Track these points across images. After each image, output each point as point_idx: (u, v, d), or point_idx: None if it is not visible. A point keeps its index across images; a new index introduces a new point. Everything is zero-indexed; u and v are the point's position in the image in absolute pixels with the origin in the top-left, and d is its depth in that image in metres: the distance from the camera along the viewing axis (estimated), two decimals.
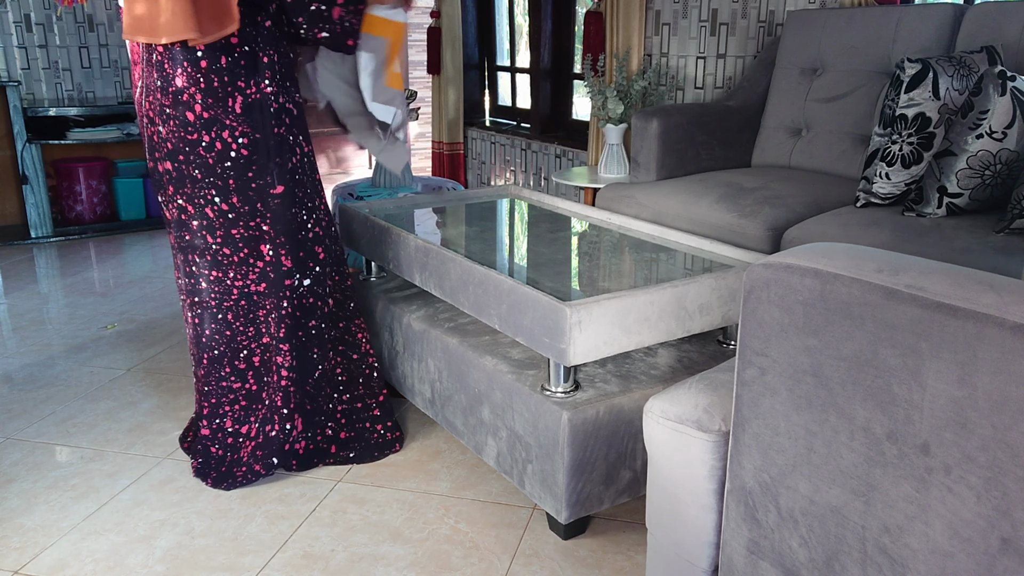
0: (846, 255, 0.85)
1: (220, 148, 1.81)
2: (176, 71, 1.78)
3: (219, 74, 1.78)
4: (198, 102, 1.78)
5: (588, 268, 2.10)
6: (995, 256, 1.83)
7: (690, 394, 1.12)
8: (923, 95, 2.13)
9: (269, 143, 1.85)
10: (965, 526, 0.75)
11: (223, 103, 1.79)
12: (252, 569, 1.63)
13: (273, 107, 1.84)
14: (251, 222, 1.87)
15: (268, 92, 1.84)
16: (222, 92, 1.79)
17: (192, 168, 1.83)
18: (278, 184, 1.86)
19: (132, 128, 4.39)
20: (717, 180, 2.61)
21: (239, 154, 1.82)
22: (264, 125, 1.84)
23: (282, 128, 1.87)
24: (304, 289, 1.93)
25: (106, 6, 4.55)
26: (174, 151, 1.82)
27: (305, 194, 1.92)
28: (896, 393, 0.78)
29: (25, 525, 1.77)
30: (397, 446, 2.07)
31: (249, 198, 1.85)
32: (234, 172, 1.83)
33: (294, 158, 1.89)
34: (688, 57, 3.50)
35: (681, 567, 1.17)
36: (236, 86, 1.80)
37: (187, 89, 1.78)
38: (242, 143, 1.82)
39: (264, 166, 1.85)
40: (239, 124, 1.81)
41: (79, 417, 2.27)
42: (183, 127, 1.80)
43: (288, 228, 1.89)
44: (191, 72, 1.77)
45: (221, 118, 1.79)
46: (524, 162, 4.50)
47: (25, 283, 3.54)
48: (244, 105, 1.80)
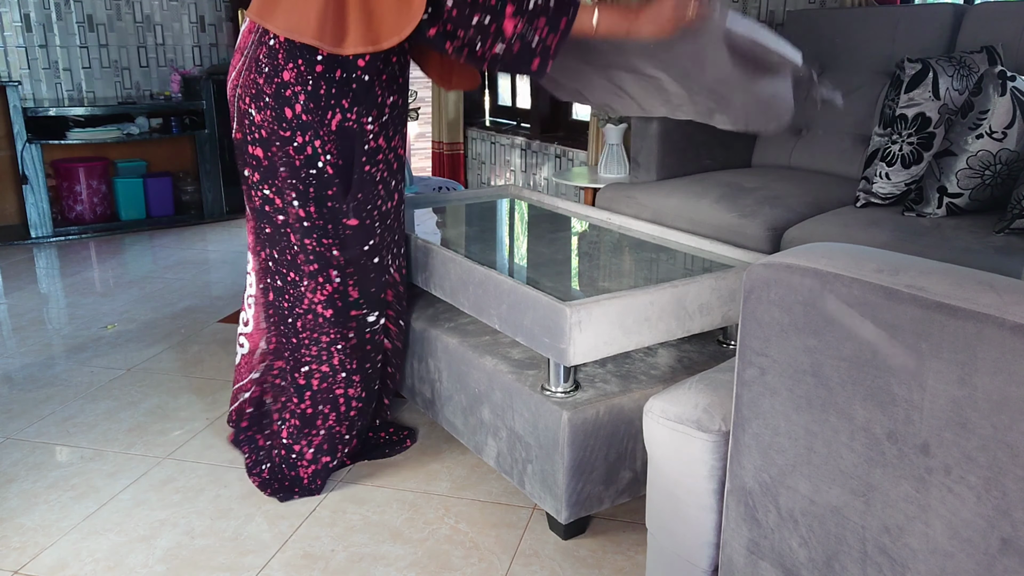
0: (846, 255, 0.85)
1: (310, 154, 1.72)
2: (288, 64, 1.68)
3: (329, 84, 1.69)
4: (300, 102, 1.69)
5: (588, 268, 2.10)
6: (995, 256, 1.83)
7: (690, 394, 1.12)
8: (923, 95, 2.13)
9: (353, 175, 1.76)
10: (965, 526, 0.75)
11: (322, 113, 1.70)
12: (252, 569, 1.63)
13: (369, 144, 1.76)
14: (324, 239, 1.78)
15: (368, 128, 1.75)
16: (324, 102, 1.70)
17: (280, 164, 1.75)
18: (352, 217, 1.77)
19: (132, 128, 4.39)
20: (717, 180, 2.61)
21: (324, 168, 1.73)
22: (353, 155, 1.75)
23: (373, 169, 1.78)
24: (379, 327, 1.91)
25: (106, 6, 4.55)
26: (267, 140, 1.74)
27: (395, 241, 1.89)
28: (896, 393, 0.78)
29: (25, 525, 1.77)
30: (408, 442, 2.09)
31: (324, 215, 1.76)
32: (315, 183, 1.74)
33: (379, 201, 1.80)
34: None
35: (681, 567, 1.17)
36: (340, 104, 1.71)
37: (293, 85, 1.68)
38: (329, 160, 1.73)
39: (342, 193, 1.76)
40: (330, 140, 1.72)
41: (79, 417, 2.27)
42: (279, 121, 1.71)
43: (358, 264, 1.81)
44: (304, 71, 1.68)
45: (316, 127, 1.71)
46: (524, 162, 4.50)
47: (25, 283, 3.54)
48: (339, 126, 1.72)
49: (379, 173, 1.79)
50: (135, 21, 4.65)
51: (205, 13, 4.85)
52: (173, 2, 4.73)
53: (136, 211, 4.50)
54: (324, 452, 1.89)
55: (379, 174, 1.79)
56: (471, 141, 4.91)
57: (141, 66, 4.71)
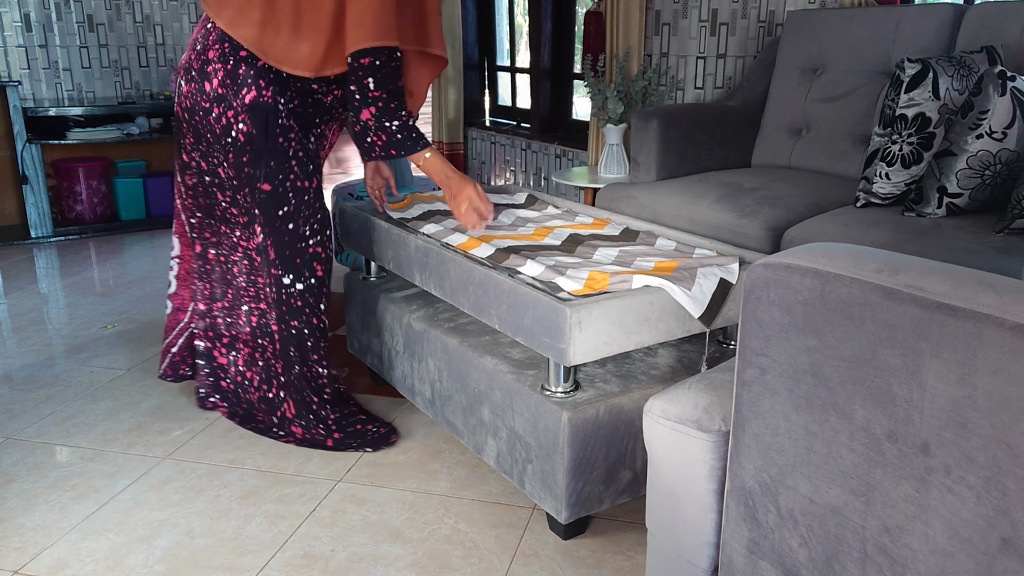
0: (846, 255, 0.85)
1: (224, 124, 1.95)
2: (215, 45, 1.94)
3: (248, 66, 1.92)
4: (218, 78, 1.93)
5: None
6: (995, 256, 1.83)
7: (690, 394, 1.12)
8: (923, 95, 2.13)
9: (266, 145, 1.95)
10: (965, 526, 0.75)
11: (236, 89, 1.92)
12: (252, 569, 1.63)
13: (282, 121, 1.96)
14: (248, 199, 2.01)
15: (281, 108, 1.96)
16: (241, 80, 1.92)
17: (205, 131, 1.99)
18: (264, 182, 1.96)
19: (132, 128, 4.39)
20: (717, 180, 2.61)
21: (237, 137, 1.95)
22: (266, 128, 1.95)
23: (286, 143, 1.97)
24: (294, 290, 2.02)
25: (106, 6, 4.55)
26: (192, 109, 2.00)
27: (312, 216, 2.02)
28: (896, 393, 0.78)
29: (25, 525, 1.77)
30: (393, 437, 2.11)
31: (242, 179, 1.98)
32: (233, 150, 1.96)
33: (292, 175, 1.98)
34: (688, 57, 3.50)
35: (681, 567, 1.17)
36: (257, 84, 1.93)
37: (214, 63, 1.94)
38: (241, 129, 1.94)
39: (256, 159, 1.95)
40: (242, 112, 1.93)
41: (79, 417, 2.27)
42: (200, 93, 1.97)
43: (274, 228, 1.98)
44: (226, 51, 1.93)
45: (230, 99, 1.93)
46: (524, 162, 4.50)
47: (25, 283, 3.54)
48: (252, 100, 1.93)
49: (291, 149, 1.97)
50: (135, 21, 4.65)
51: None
52: (173, 2, 4.73)
53: (136, 211, 4.50)
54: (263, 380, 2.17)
55: (290, 150, 1.97)
56: (471, 141, 4.91)
57: (141, 66, 4.71)
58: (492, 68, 4.92)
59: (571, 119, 4.40)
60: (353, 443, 2.07)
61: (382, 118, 1.91)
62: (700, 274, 1.65)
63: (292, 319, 2.04)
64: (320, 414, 2.08)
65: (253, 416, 2.19)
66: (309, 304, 2.04)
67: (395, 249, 2.08)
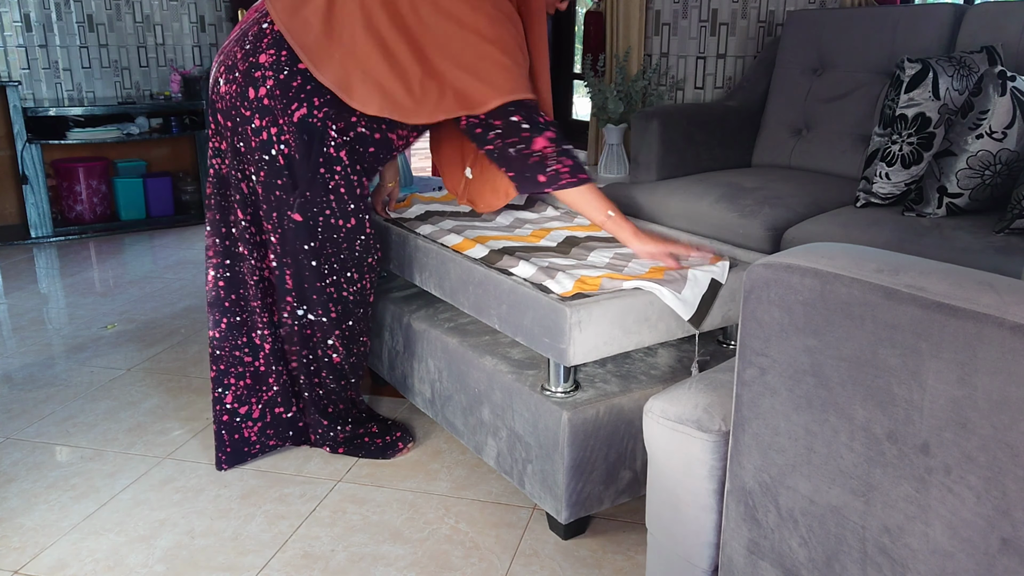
0: (846, 255, 0.85)
1: (265, 138, 1.75)
2: (270, 49, 1.73)
3: (304, 79, 1.73)
4: (266, 86, 1.72)
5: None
6: (995, 256, 1.83)
7: (690, 394, 1.12)
8: (923, 95, 2.13)
9: (306, 174, 1.77)
10: (965, 526, 0.75)
11: (286, 103, 1.73)
12: (252, 569, 1.63)
13: (328, 150, 1.77)
14: (270, 222, 1.83)
15: (332, 133, 1.77)
16: (292, 93, 1.73)
17: (238, 139, 1.79)
18: (296, 212, 1.80)
19: (132, 128, 4.39)
20: (717, 180, 2.61)
21: (276, 157, 1.76)
22: (309, 153, 1.76)
23: (328, 175, 1.79)
24: (306, 321, 1.92)
25: (106, 6, 4.55)
26: (228, 112, 1.79)
27: (336, 256, 1.86)
28: (896, 393, 0.78)
29: (25, 525, 1.77)
30: (400, 444, 2.06)
31: (271, 202, 1.81)
32: (267, 168, 1.77)
33: (328, 211, 1.81)
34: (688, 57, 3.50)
35: (681, 567, 1.17)
36: (310, 100, 1.73)
37: (265, 68, 1.72)
38: (283, 149, 1.75)
39: (291, 185, 1.78)
40: (288, 131, 1.74)
41: (79, 417, 2.27)
42: (241, 98, 1.75)
43: (296, 259, 1.84)
44: (283, 60, 1.72)
45: (277, 114, 1.73)
46: None
47: (25, 283, 3.54)
48: (301, 119, 1.74)
49: (332, 182, 1.79)
50: (135, 21, 4.65)
51: (205, 13, 4.85)
52: (173, 2, 4.73)
53: (136, 211, 4.50)
54: (276, 404, 2.00)
55: (331, 183, 1.79)
56: None
57: (141, 66, 4.71)
58: None
59: (571, 119, 4.41)
60: (360, 454, 2.05)
61: (561, 144, 1.74)
62: (692, 275, 1.65)
63: (302, 348, 1.94)
64: (328, 434, 2.04)
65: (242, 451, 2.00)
66: (317, 337, 1.93)
67: (395, 249, 2.08)
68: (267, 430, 2.01)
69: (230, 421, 1.97)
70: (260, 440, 2.01)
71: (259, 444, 2.01)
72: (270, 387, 1.99)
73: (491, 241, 1.96)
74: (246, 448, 2.00)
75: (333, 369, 1.97)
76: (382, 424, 2.10)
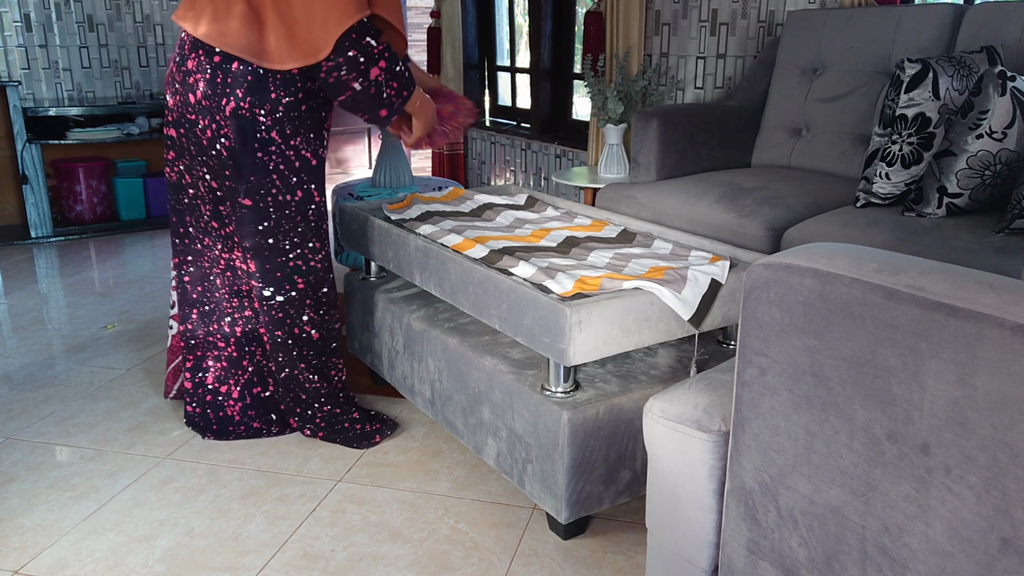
0: (846, 255, 0.85)
1: (210, 136, 1.91)
2: (191, 53, 1.90)
3: (224, 74, 1.87)
4: (200, 88, 1.89)
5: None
6: (995, 256, 1.83)
7: (690, 394, 1.12)
8: (923, 95, 2.13)
9: (246, 159, 1.91)
10: (965, 526, 0.75)
11: (217, 100, 1.88)
12: (252, 569, 1.63)
13: (260, 135, 1.90)
14: (229, 212, 1.99)
15: (260, 119, 1.89)
16: (220, 90, 1.87)
17: (189, 143, 1.96)
18: (245, 198, 1.94)
19: (132, 128, 4.39)
20: (717, 180, 2.61)
21: (221, 150, 1.92)
22: (245, 141, 1.90)
23: (266, 157, 1.92)
24: (275, 303, 2.02)
25: (106, 6, 4.55)
26: (177, 122, 1.97)
27: (293, 230, 1.99)
28: (896, 393, 0.78)
29: (25, 525, 1.77)
30: (376, 437, 2.11)
31: (225, 191, 1.97)
32: (216, 162, 1.94)
33: (274, 190, 1.94)
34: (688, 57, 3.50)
35: (681, 567, 1.17)
36: (234, 92, 1.87)
37: (195, 73, 1.89)
38: (223, 143, 1.91)
39: (237, 174, 1.92)
40: (225, 124, 1.89)
41: (79, 417, 2.27)
42: (185, 106, 1.93)
43: (254, 242, 1.97)
44: (203, 61, 1.88)
45: (213, 111, 1.89)
46: (524, 162, 4.50)
47: (25, 283, 3.54)
48: (232, 112, 1.88)
49: (272, 165, 1.93)
50: (135, 21, 4.65)
51: None
52: (173, 2, 4.73)
53: (136, 211, 4.50)
54: (254, 384, 2.15)
55: (271, 163, 1.93)
56: (471, 141, 4.91)
57: (141, 66, 4.71)
58: (492, 68, 4.92)
59: (571, 119, 4.41)
60: (336, 439, 2.11)
61: (392, 65, 1.87)
62: (691, 275, 1.65)
63: (276, 329, 2.04)
64: (307, 414, 2.11)
65: (227, 429, 2.13)
66: (290, 316, 2.03)
67: (395, 249, 2.08)
68: (248, 411, 2.15)
69: (213, 400, 2.13)
70: (244, 420, 2.15)
71: (243, 425, 2.14)
72: (245, 369, 2.14)
73: (491, 241, 1.96)
74: (231, 427, 2.14)
75: (313, 345, 2.07)
76: (362, 413, 2.16)
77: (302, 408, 2.10)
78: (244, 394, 2.15)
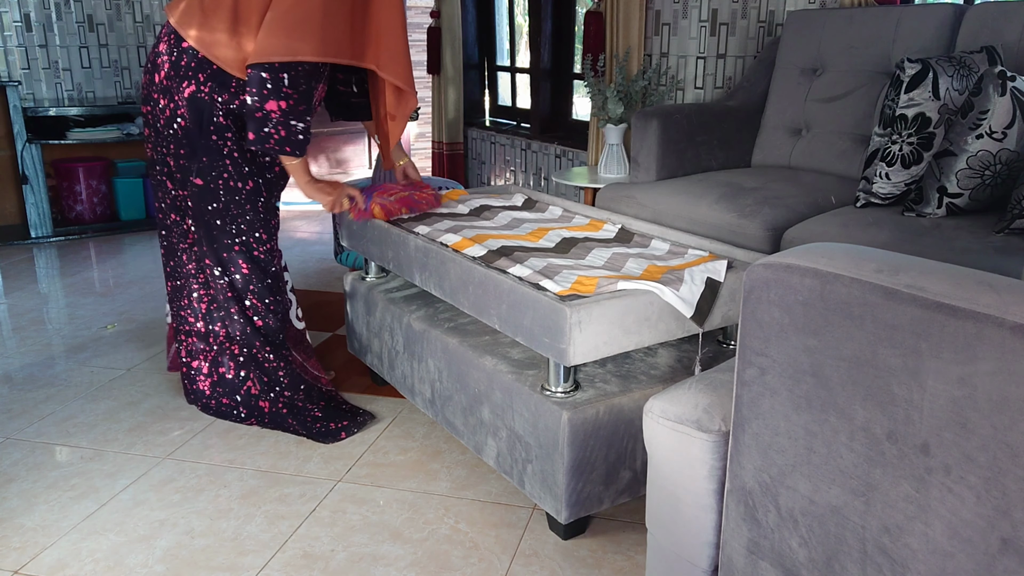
0: (846, 255, 0.85)
1: (168, 115, 2.03)
2: (165, 37, 2.04)
3: (189, 57, 1.98)
4: (164, 69, 2.02)
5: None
6: (995, 256, 1.83)
7: (690, 394, 1.12)
8: (923, 95, 2.13)
9: (200, 141, 2.02)
10: (965, 526, 0.75)
11: (178, 82, 1.99)
12: (252, 569, 1.63)
13: (217, 119, 2.01)
14: (182, 186, 2.09)
15: (218, 106, 2.00)
16: (182, 72, 1.99)
17: (155, 120, 2.08)
18: (197, 176, 2.05)
19: (132, 128, 4.39)
20: (717, 180, 2.61)
21: (176, 129, 2.03)
22: (200, 122, 2.01)
23: (220, 142, 2.02)
24: (224, 282, 2.12)
25: (106, 6, 4.55)
26: (146, 99, 2.10)
27: (242, 217, 2.08)
28: (896, 393, 0.78)
29: (25, 525, 1.77)
30: (343, 434, 2.13)
31: (180, 169, 2.07)
32: (173, 141, 2.05)
33: (225, 175, 2.05)
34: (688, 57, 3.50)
35: (681, 567, 1.17)
36: (196, 78, 1.98)
37: (163, 54, 2.03)
38: (180, 123, 2.02)
39: (191, 154, 2.03)
40: (182, 105, 2.00)
41: (79, 417, 2.27)
42: (151, 85, 2.07)
43: (202, 221, 2.08)
44: (172, 43, 2.01)
45: (173, 91, 2.01)
46: (524, 162, 4.50)
47: (25, 283, 3.54)
48: (191, 94, 1.99)
49: (225, 149, 2.03)
50: (135, 21, 4.65)
51: None
52: None
53: (136, 211, 4.50)
54: (219, 364, 2.20)
55: (225, 148, 2.03)
56: (471, 141, 4.91)
57: (141, 66, 4.71)
58: (492, 68, 4.92)
59: (571, 119, 4.40)
60: (302, 432, 2.14)
61: (290, 115, 1.93)
62: (687, 275, 1.65)
63: (230, 307, 2.14)
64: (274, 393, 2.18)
65: (201, 402, 2.25)
66: (239, 299, 2.12)
67: (395, 249, 2.08)
68: (217, 387, 2.21)
69: (188, 372, 2.23)
70: (214, 396, 2.22)
71: (214, 400, 2.22)
72: (211, 347, 2.20)
73: (489, 240, 1.96)
74: (203, 400, 2.23)
75: (258, 334, 2.15)
76: (328, 411, 2.17)
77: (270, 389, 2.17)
78: (212, 371, 2.21)
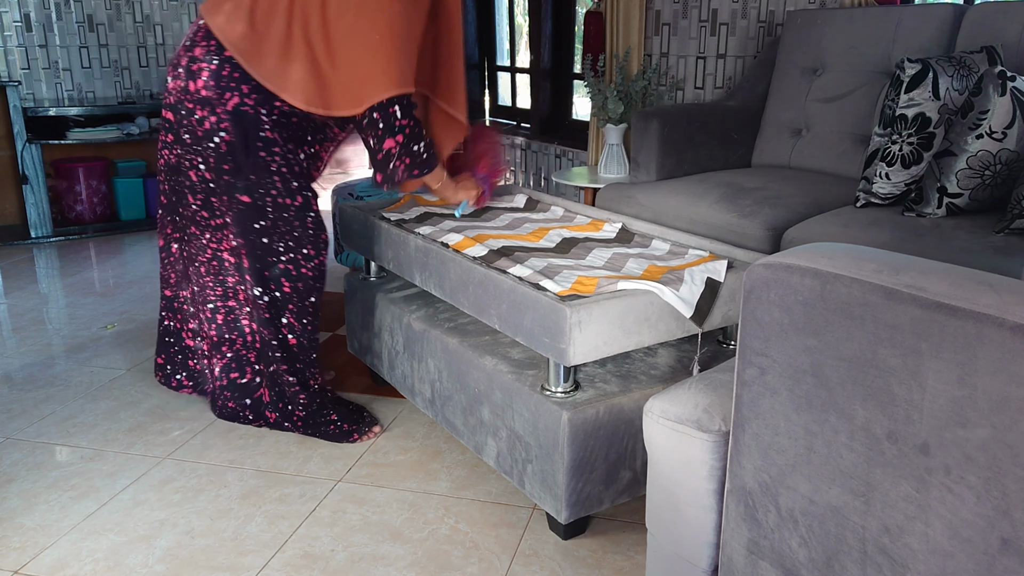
0: (846, 255, 0.85)
1: (208, 128, 1.89)
2: (202, 42, 1.89)
3: (232, 67, 1.86)
4: (203, 77, 1.87)
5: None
6: (995, 256, 1.83)
7: (690, 394, 1.12)
8: (923, 95, 2.13)
9: (246, 159, 1.91)
10: (965, 526, 0.75)
11: (220, 92, 1.86)
12: (252, 569, 1.63)
13: (264, 133, 1.90)
14: (222, 205, 1.99)
15: (264, 119, 1.89)
16: (225, 83, 1.86)
17: (183, 131, 1.94)
18: (244, 194, 1.94)
19: (132, 128, 4.39)
20: (717, 180, 2.61)
21: (220, 144, 1.90)
22: (246, 138, 1.89)
23: (269, 157, 1.92)
24: (262, 302, 2.03)
25: (106, 6, 4.55)
26: (175, 106, 1.95)
27: (289, 234, 1.99)
28: (896, 393, 0.78)
29: (25, 525, 1.77)
30: (355, 435, 2.12)
31: (221, 185, 1.95)
32: (214, 155, 1.92)
33: (274, 191, 1.94)
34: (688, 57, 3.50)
35: (681, 567, 1.17)
36: (240, 89, 1.86)
37: (201, 60, 1.88)
38: (223, 137, 1.89)
39: (236, 170, 1.92)
40: (225, 119, 1.88)
41: (79, 417, 2.27)
42: (184, 92, 1.91)
43: (248, 239, 1.97)
44: (213, 49, 1.87)
45: (214, 103, 1.87)
46: (524, 162, 4.50)
47: (25, 283, 3.54)
48: (235, 107, 1.87)
49: (273, 163, 1.92)
50: (135, 21, 4.65)
51: None
52: (173, 2, 4.73)
53: (136, 211, 4.50)
54: (232, 369, 2.15)
55: (273, 164, 1.92)
56: None
57: (141, 66, 4.71)
58: (492, 68, 4.92)
59: (571, 119, 4.40)
60: (316, 435, 2.13)
61: (410, 143, 1.93)
62: (687, 275, 1.65)
63: (262, 327, 2.06)
64: (287, 410, 2.12)
65: (216, 404, 2.21)
66: (276, 317, 2.04)
67: (395, 249, 2.08)
68: (225, 391, 2.17)
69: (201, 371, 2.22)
70: (222, 397, 2.18)
71: (220, 400, 2.18)
72: (224, 355, 2.15)
73: (490, 240, 1.96)
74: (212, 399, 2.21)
75: (289, 350, 2.06)
76: (342, 414, 2.15)
77: (284, 403, 2.12)
78: (223, 375, 2.17)
